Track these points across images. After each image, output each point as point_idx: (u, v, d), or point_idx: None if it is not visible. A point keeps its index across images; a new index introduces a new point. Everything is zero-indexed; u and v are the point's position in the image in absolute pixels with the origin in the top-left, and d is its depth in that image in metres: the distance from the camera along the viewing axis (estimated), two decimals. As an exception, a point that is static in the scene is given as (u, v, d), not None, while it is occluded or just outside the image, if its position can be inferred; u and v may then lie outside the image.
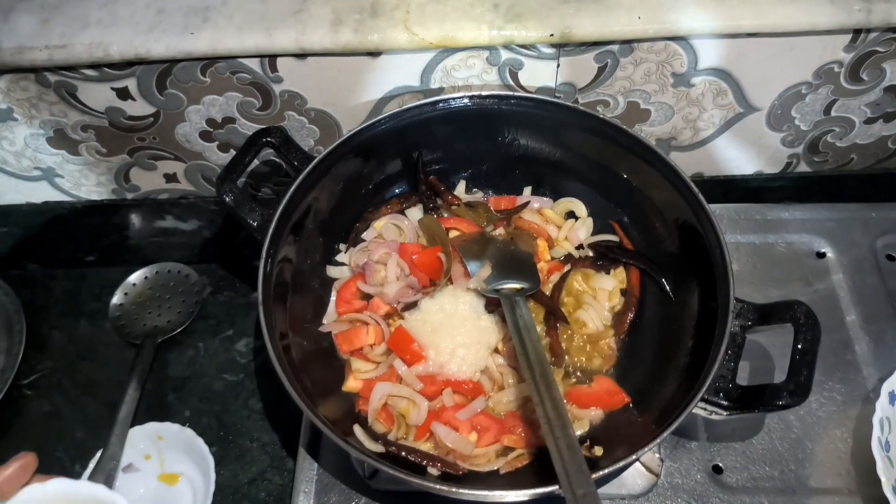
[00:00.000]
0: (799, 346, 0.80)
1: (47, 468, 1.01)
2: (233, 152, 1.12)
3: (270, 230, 0.89)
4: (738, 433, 0.98)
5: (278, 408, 1.09)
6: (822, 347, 0.81)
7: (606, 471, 0.75)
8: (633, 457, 0.76)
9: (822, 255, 1.14)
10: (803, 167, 1.22)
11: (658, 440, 0.76)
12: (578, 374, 0.96)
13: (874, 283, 1.11)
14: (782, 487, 0.94)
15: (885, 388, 0.94)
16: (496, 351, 0.96)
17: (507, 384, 0.94)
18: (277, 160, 1.14)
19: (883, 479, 0.87)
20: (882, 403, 0.92)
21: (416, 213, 1.07)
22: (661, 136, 1.14)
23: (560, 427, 0.76)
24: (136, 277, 1.20)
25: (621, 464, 0.76)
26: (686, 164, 0.94)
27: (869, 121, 1.14)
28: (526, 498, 0.78)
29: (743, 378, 0.96)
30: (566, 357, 0.96)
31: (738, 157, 1.19)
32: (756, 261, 1.13)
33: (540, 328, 0.97)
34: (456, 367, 0.93)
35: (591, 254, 1.05)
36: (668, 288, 0.98)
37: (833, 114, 1.12)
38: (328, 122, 1.08)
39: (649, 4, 0.96)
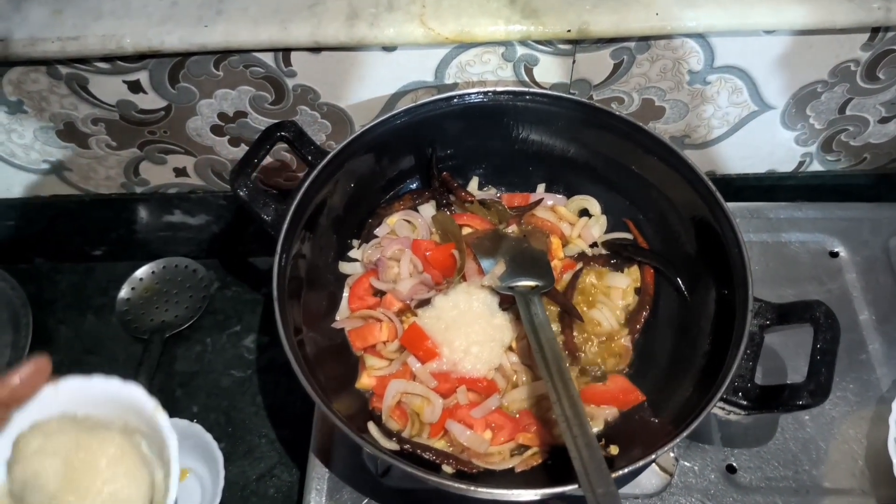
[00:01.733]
0: (818, 346, 0.80)
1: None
2: (244, 147, 1.11)
3: (285, 225, 0.88)
4: (752, 434, 0.97)
5: (286, 404, 1.08)
6: (836, 347, 0.81)
7: (625, 470, 0.75)
8: (653, 456, 0.76)
9: (835, 255, 1.14)
10: (816, 166, 1.22)
11: (678, 439, 0.76)
12: (594, 372, 0.95)
13: (887, 282, 1.11)
14: (796, 487, 0.94)
15: (901, 388, 0.94)
16: (510, 349, 0.96)
17: (521, 382, 0.93)
18: (288, 155, 1.13)
19: (899, 480, 0.86)
20: (898, 404, 0.92)
21: (429, 209, 1.06)
22: (674, 134, 1.14)
23: (578, 425, 0.76)
24: (143, 272, 1.20)
25: (640, 463, 0.76)
26: (699, 161, 0.94)
27: (883, 120, 1.13)
28: (542, 497, 0.77)
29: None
30: (581, 355, 0.95)
31: (751, 155, 1.18)
32: (768, 260, 1.13)
33: (555, 326, 0.97)
34: (470, 364, 0.92)
35: (604, 252, 1.05)
36: (683, 287, 0.97)
37: (848, 112, 1.11)
38: (341, 117, 1.07)
39: (667, 1, 0.95)
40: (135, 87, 1.00)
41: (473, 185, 1.10)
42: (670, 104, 1.08)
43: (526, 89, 1.00)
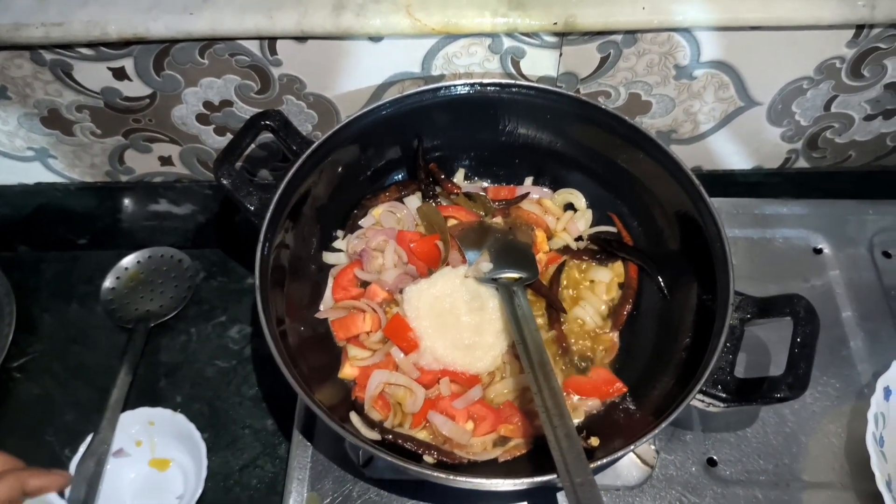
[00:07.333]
0: (798, 340, 0.80)
1: (37, 452, 1.01)
2: (229, 136, 1.11)
3: (268, 214, 0.88)
4: (733, 424, 0.98)
5: (270, 395, 1.08)
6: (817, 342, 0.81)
7: (604, 461, 0.75)
8: (631, 447, 0.76)
9: (819, 251, 1.14)
10: (802, 163, 1.23)
11: (656, 431, 0.76)
12: (579, 364, 0.96)
13: (870, 279, 1.11)
14: (776, 481, 0.94)
15: (880, 383, 0.94)
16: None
17: (506, 374, 0.93)
18: (274, 145, 1.13)
19: (877, 474, 0.87)
20: (877, 399, 0.93)
21: (414, 200, 1.07)
22: (661, 129, 1.14)
23: (558, 416, 0.76)
24: (128, 261, 1.19)
25: (618, 454, 0.76)
26: (685, 157, 0.94)
27: (868, 117, 1.14)
28: (523, 487, 0.78)
29: (738, 371, 0.96)
30: (572, 349, 0.96)
31: (737, 151, 1.19)
32: (753, 255, 1.13)
33: (543, 321, 0.97)
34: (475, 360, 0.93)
35: (589, 246, 1.05)
36: (663, 286, 0.98)
37: (833, 110, 1.12)
38: (327, 107, 1.07)
39: (654, -5, 0.95)
40: (119, 74, 1.00)
41: (459, 176, 1.10)
42: (657, 99, 1.09)
43: (513, 81, 1.00)
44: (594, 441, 0.86)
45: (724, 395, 0.80)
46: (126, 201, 1.21)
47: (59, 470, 0.81)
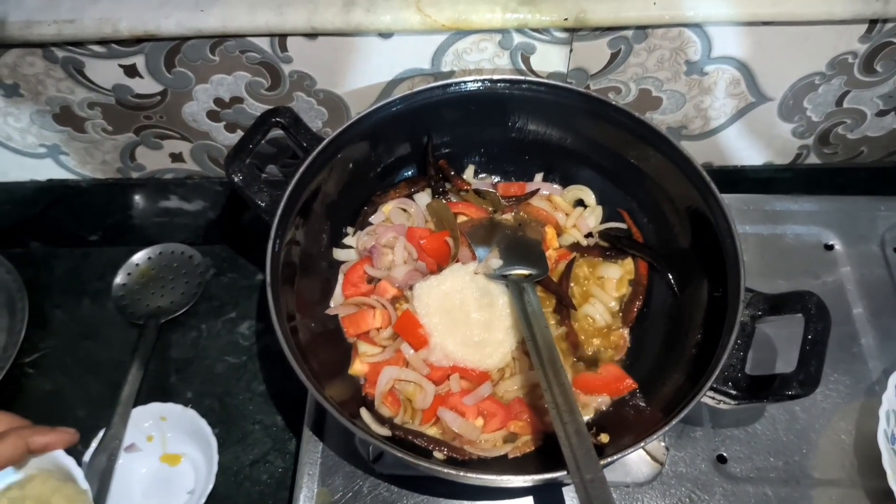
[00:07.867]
0: (809, 337, 0.80)
1: (50, 446, 1.01)
2: (240, 133, 1.11)
3: (279, 211, 0.88)
4: (743, 421, 0.98)
5: (280, 391, 1.09)
6: (828, 339, 0.81)
7: (614, 458, 0.75)
8: (641, 443, 0.76)
9: (830, 248, 1.14)
10: (813, 159, 1.22)
11: (666, 428, 0.76)
12: (589, 361, 0.95)
13: (882, 276, 1.11)
14: (786, 478, 0.94)
15: (892, 380, 0.94)
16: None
17: (515, 371, 0.93)
18: (284, 141, 1.13)
19: (889, 472, 0.87)
20: (889, 396, 0.92)
21: (424, 197, 1.07)
22: (671, 125, 1.14)
23: (568, 412, 0.76)
24: (139, 258, 1.20)
25: (628, 451, 0.76)
26: (696, 153, 0.94)
27: (881, 113, 1.13)
28: (532, 483, 0.78)
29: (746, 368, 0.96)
30: (581, 346, 0.96)
31: (748, 147, 1.18)
32: (764, 252, 1.13)
33: (553, 317, 0.97)
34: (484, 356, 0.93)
35: (599, 242, 1.05)
36: (674, 283, 0.98)
37: (845, 105, 1.11)
38: (337, 104, 1.07)
39: (665, -10, 0.95)
40: (131, 71, 1.00)
41: (469, 173, 1.10)
42: (667, 94, 1.08)
43: (523, 78, 1.00)
44: (604, 438, 0.86)
45: (734, 393, 0.80)
46: (137, 198, 1.22)
47: (64, 427, 0.80)
